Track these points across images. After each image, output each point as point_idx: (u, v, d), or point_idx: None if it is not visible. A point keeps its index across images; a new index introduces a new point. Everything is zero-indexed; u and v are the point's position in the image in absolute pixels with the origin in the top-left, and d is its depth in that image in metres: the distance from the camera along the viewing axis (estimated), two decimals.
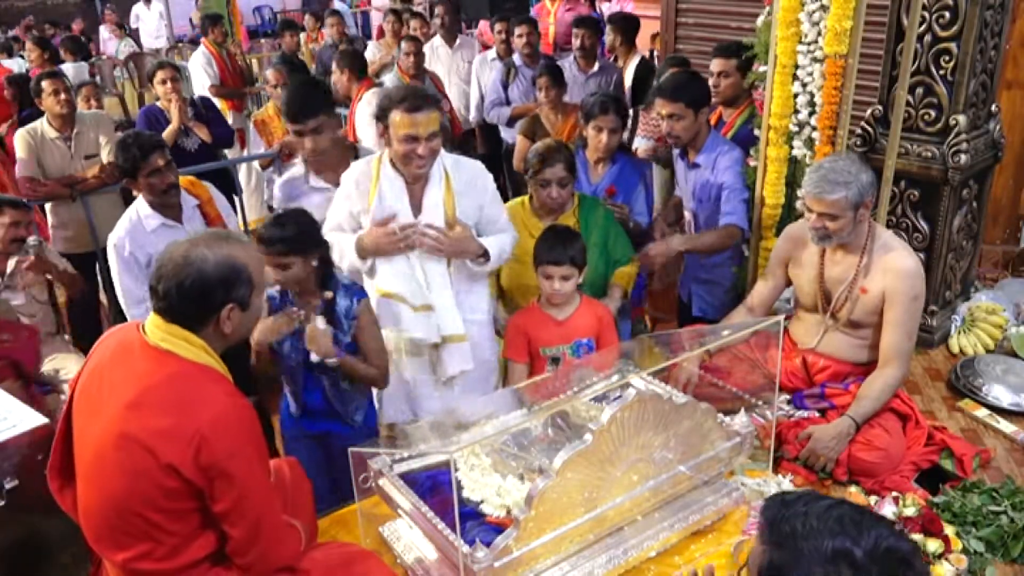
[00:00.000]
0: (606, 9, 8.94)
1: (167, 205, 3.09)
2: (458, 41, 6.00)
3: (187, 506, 1.71)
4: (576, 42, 5.15)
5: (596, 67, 5.20)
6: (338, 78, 4.90)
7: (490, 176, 2.80)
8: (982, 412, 3.04)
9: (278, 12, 15.13)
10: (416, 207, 2.69)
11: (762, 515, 1.31)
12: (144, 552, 1.72)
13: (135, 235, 3.02)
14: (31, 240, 3.65)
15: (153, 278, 1.75)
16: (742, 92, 3.78)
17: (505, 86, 5.35)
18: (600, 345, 2.76)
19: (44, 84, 4.33)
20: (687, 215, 3.58)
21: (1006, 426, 2.95)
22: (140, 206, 3.09)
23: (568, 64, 5.11)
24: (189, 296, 1.72)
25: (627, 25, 5.49)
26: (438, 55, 5.95)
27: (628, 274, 3.21)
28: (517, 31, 5.36)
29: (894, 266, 2.66)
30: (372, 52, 6.67)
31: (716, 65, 3.81)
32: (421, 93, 2.58)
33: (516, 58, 5.39)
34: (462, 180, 2.73)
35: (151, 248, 2.95)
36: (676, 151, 3.52)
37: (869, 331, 2.76)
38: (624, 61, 5.37)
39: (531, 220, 3.15)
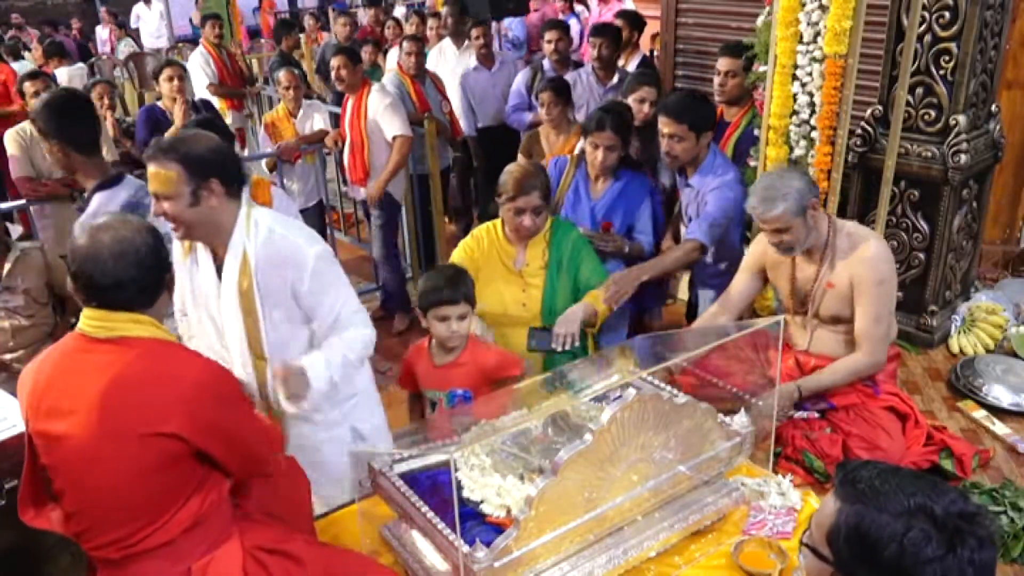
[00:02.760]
0: (593, 11, 8.88)
1: None
2: (466, 43, 5.85)
3: (179, 474, 1.76)
4: (593, 52, 4.70)
5: (616, 79, 4.73)
6: (345, 74, 4.70)
7: (313, 254, 2.22)
8: (979, 413, 3.04)
9: (278, 12, 15.15)
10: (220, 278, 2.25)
11: (837, 474, 1.34)
12: (134, 532, 1.75)
13: None
14: (31, 244, 3.66)
15: (99, 276, 1.71)
16: (745, 92, 3.76)
17: (530, 91, 4.97)
18: (480, 393, 2.52)
19: (26, 85, 4.33)
20: (683, 230, 3.55)
21: (1000, 428, 2.95)
22: None
23: (585, 75, 4.77)
24: (151, 268, 1.76)
25: (639, 23, 5.47)
26: (445, 56, 5.87)
27: (598, 296, 2.90)
28: (547, 36, 5.06)
29: (858, 255, 2.68)
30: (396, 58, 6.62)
31: (724, 64, 3.77)
32: (168, 145, 2.13)
33: (545, 63, 5.11)
34: (266, 255, 2.21)
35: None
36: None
37: (850, 325, 2.77)
38: (627, 59, 5.31)
39: (505, 247, 2.92)
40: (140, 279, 1.75)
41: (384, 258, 4.84)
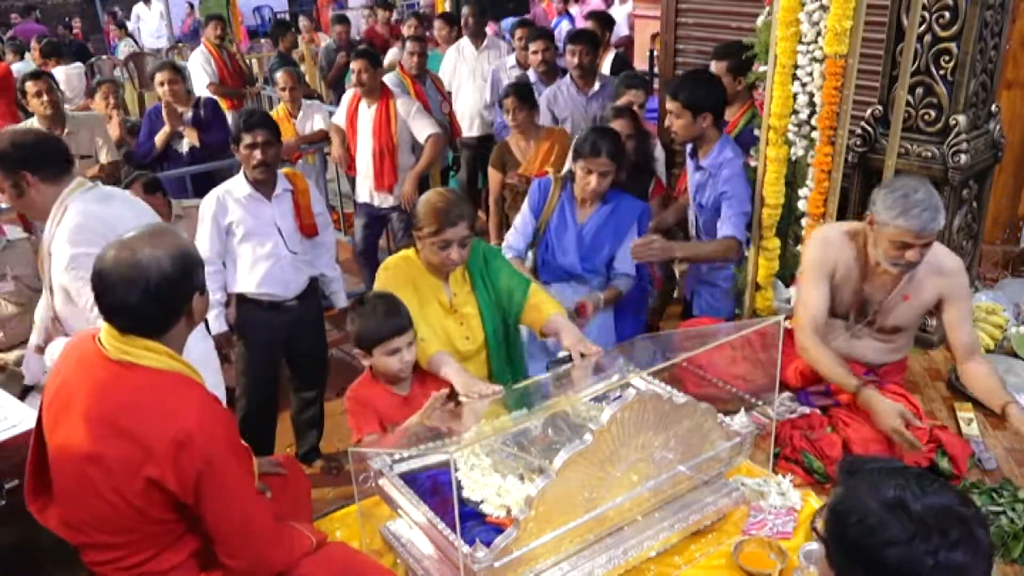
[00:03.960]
0: (578, 12, 8.87)
1: (259, 181, 3.34)
2: (484, 42, 5.84)
3: (168, 516, 1.71)
4: (573, 60, 4.58)
5: (597, 86, 4.68)
6: (367, 78, 4.61)
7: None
8: (965, 414, 3.03)
9: (278, 12, 15.14)
10: None
11: (844, 465, 1.41)
12: (130, 555, 1.73)
13: (222, 200, 3.34)
14: (18, 236, 3.71)
15: (105, 295, 1.67)
16: (737, 92, 3.78)
17: None
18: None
19: (28, 85, 4.33)
20: (690, 214, 3.56)
21: (972, 430, 2.94)
22: (236, 178, 3.41)
23: (565, 85, 4.71)
24: (160, 299, 1.67)
25: (609, 22, 5.53)
26: (464, 56, 5.80)
27: (549, 301, 2.73)
28: (532, 47, 4.97)
29: (944, 268, 2.65)
30: (394, 56, 6.64)
31: (712, 67, 3.81)
32: None
33: (531, 74, 5.03)
34: (59, 232, 2.45)
35: (232, 216, 3.33)
36: (687, 148, 3.47)
37: (905, 334, 2.78)
38: (600, 58, 5.26)
39: (432, 282, 2.65)
40: (143, 308, 1.66)
41: None
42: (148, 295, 1.65)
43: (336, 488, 3.64)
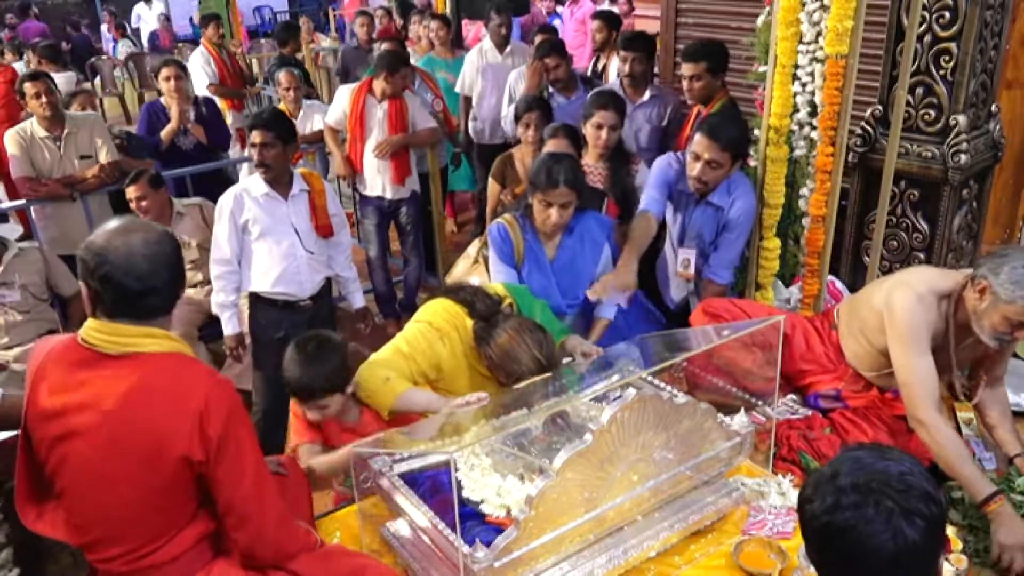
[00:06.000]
0: (567, 13, 8.82)
1: (275, 180, 3.37)
2: (509, 48, 5.63)
3: (185, 497, 1.73)
4: (625, 67, 4.27)
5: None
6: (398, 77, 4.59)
7: None
8: (965, 414, 3.03)
9: (278, 12, 15.15)
10: None
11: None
12: (141, 547, 1.74)
13: (240, 198, 3.37)
14: (29, 243, 3.69)
15: (129, 284, 1.65)
16: (715, 90, 3.77)
17: None
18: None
19: (26, 86, 4.33)
20: (687, 256, 3.37)
21: (969, 429, 2.94)
22: (253, 176, 3.43)
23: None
24: (181, 271, 1.73)
25: (616, 22, 5.39)
26: (487, 61, 5.60)
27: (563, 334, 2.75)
28: (547, 61, 4.73)
29: None
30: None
31: (686, 69, 3.76)
32: None
33: (551, 88, 4.84)
34: None
35: (249, 214, 3.35)
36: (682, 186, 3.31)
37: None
38: (607, 60, 5.20)
39: (472, 359, 2.53)
40: (171, 283, 1.70)
41: (416, 254, 4.87)
42: (172, 270, 1.70)
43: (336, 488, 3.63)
